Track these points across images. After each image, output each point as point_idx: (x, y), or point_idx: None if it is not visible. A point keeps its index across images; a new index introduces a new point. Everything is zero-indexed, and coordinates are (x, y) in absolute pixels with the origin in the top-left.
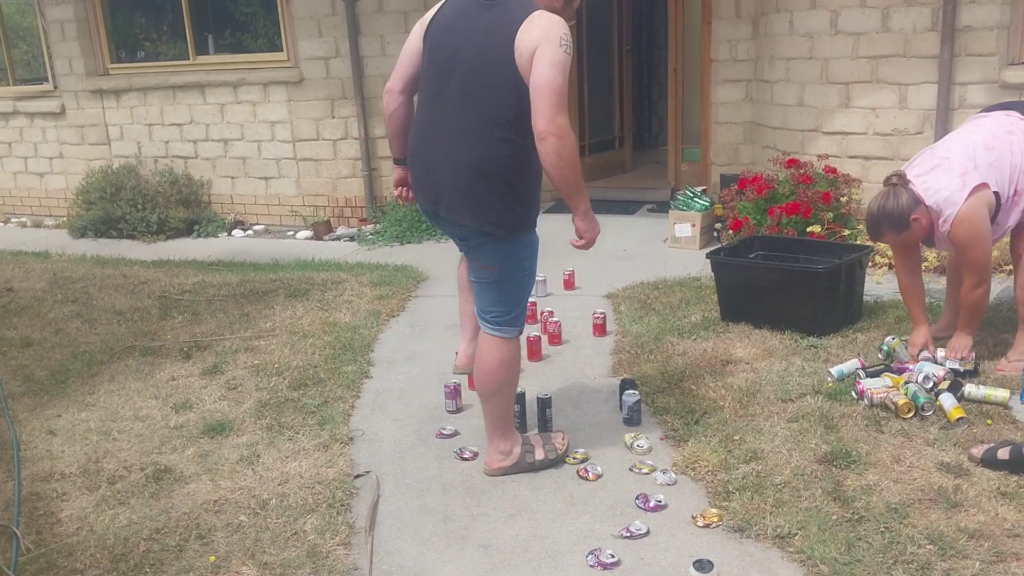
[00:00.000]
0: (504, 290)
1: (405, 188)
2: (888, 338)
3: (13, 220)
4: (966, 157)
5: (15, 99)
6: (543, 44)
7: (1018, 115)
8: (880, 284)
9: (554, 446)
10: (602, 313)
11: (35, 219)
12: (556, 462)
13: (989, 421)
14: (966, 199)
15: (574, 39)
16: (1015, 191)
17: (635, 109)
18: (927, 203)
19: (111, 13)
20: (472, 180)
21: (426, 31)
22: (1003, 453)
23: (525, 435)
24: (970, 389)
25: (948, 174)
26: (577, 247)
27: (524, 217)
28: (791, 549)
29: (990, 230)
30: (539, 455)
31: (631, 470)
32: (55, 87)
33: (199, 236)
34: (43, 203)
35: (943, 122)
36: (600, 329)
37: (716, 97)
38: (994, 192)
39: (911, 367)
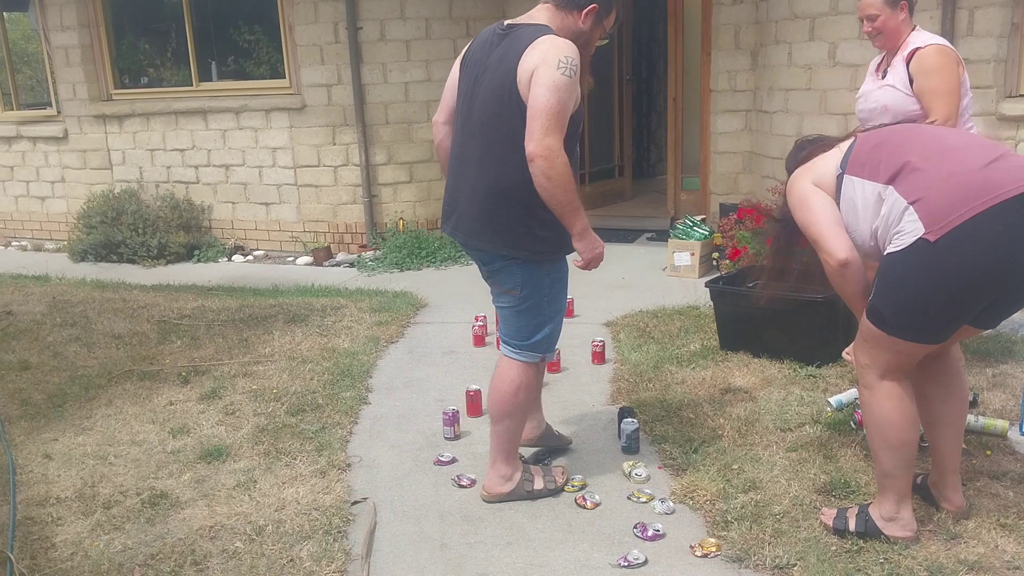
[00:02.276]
0: (525, 316)
1: None
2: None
3: (14, 244)
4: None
5: (18, 123)
6: (540, 66)
7: None
8: None
9: (553, 478)
10: (601, 341)
11: (36, 243)
12: (554, 492)
13: (988, 452)
14: (946, 50)
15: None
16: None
17: (635, 138)
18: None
19: (115, 39)
20: (490, 204)
21: (460, 63)
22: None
23: (526, 464)
24: (969, 420)
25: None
26: (579, 267)
27: (549, 241)
28: None
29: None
30: (538, 484)
31: (629, 499)
32: (58, 112)
33: (199, 261)
34: (44, 227)
35: None
36: (599, 357)
37: (715, 127)
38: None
39: None
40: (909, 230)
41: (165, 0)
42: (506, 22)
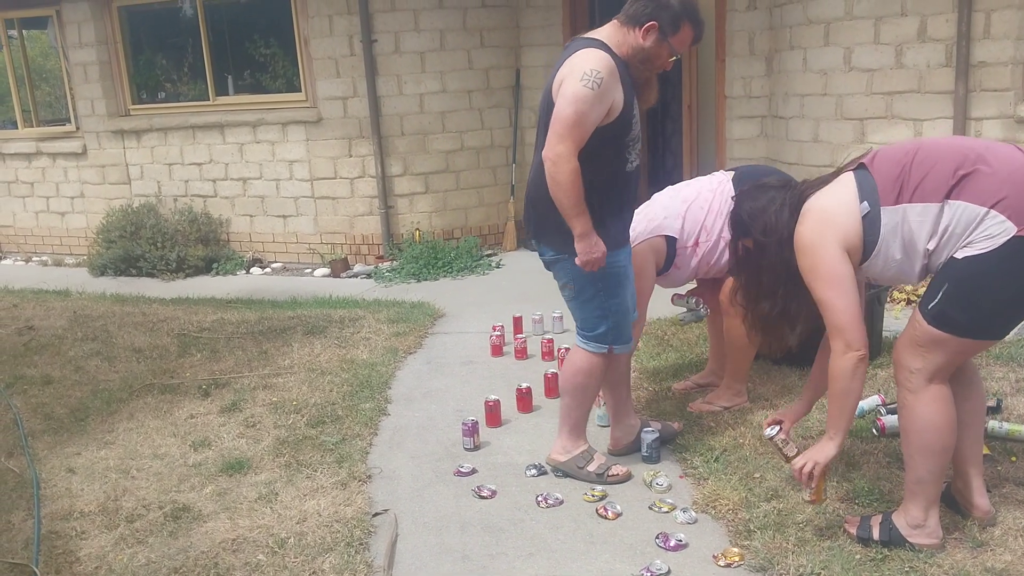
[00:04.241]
0: (580, 308)
1: None
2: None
3: (34, 259)
4: (661, 207)
5: (38, 140)
6: (567, 78)
7: (729, 178)
8: (899, 320)
9: (608, 470)
10: None
11: (56, 258)
12: (599, 479)
13: (1013, 458)
14: (640, 240)
15: None
16: (695, 242)
17: (650, 145)
18: None
19: (133, 55)
20: (534, 201)
21: None
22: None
23: (592, 449)
24: (993, 426)
25: (642, 217)
26: (578, 264)
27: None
28: None
29: (651, 272)
30: (592, 467)
31: (651, 508)
32: (77, 128)
33: (218, 274)
34: (64, 242)
35: None
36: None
37: (731, 133)
38: (670, 237)
39: None
40: (997, 232)
41: (181, 16)
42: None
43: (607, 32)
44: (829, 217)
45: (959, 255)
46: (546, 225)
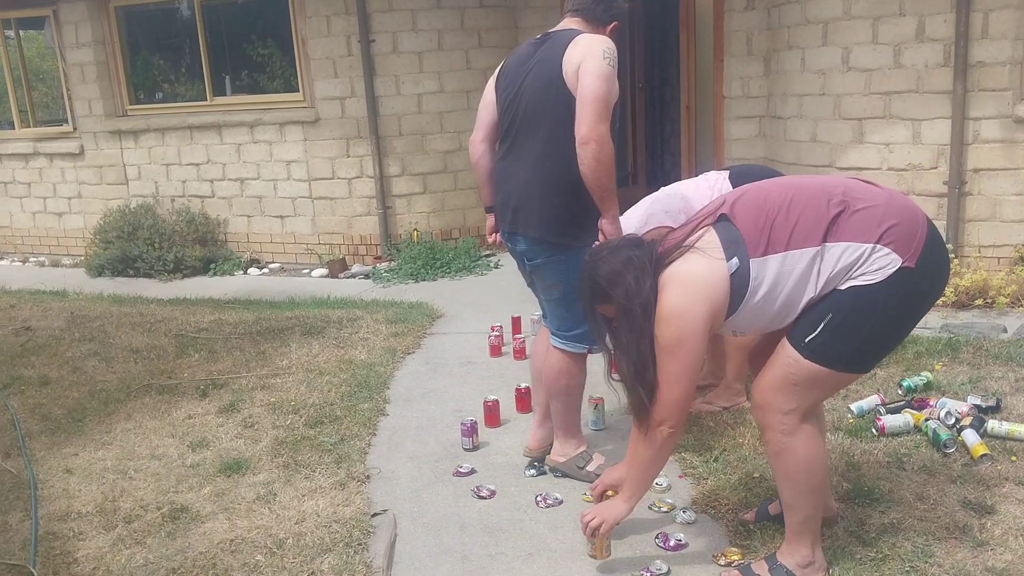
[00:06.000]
0: (567, 308)
1: (496, 233)
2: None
3: (32, 260)
4: (658, 203)
5: (35, 140)
6: (587, 58)
7: (724, 176)
8: None
9: (606, 467)
10: None
11: (53, 258)
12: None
13: (1014, 457)
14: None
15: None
16: None
17: (648, 146)
18: None
19: (130, 56)
20: (541, 193)
21: (496, 81)
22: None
23: (590, 450)
24: (993, 425)
25: (641, 213)
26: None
27: (589, 229)
28: None
29: None
30: (591, 467)
31: (650, 508)
32: (74, 128)
33: (215, 274)
34: (61, 243)
35: (957, 157)
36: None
37: (729, 133)
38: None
39: (932, 403)
40: (885, 264)
41: (179, 16)
42: (540, 34)
43: (578, 28)
44: (697, 287)
45: (843, 287)
46: (553, 218)
